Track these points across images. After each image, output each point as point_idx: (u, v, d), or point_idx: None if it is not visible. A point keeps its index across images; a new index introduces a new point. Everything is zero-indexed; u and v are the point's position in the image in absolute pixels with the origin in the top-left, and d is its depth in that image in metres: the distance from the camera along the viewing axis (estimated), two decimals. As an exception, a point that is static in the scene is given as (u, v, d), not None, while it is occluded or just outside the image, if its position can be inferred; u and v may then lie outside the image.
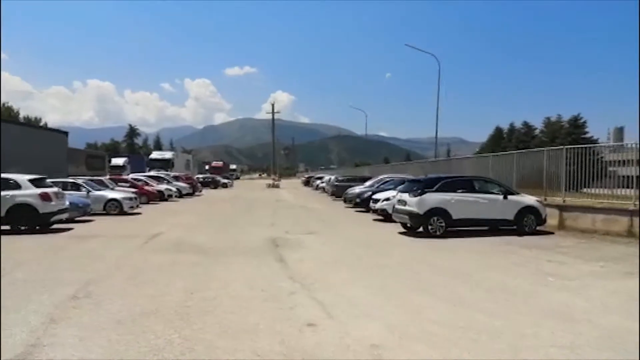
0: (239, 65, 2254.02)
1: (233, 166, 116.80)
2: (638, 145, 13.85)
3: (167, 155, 56.80)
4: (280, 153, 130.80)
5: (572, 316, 5.86)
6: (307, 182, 63.77)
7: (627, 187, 13.88)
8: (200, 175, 56.80)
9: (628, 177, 14.11)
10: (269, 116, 70.38)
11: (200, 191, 41.63)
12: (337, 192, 31.52)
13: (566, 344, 4.84)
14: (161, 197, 28.94)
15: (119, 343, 4.79)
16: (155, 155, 57.18)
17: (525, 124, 70.54)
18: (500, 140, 70.20)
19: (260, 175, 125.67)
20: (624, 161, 15.47)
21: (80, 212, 16.70)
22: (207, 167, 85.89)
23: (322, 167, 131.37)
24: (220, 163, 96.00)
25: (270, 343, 4.78)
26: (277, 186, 57.42)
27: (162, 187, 30.71)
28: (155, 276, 8.03)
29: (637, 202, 12.78)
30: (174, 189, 32.14)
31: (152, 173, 37.48)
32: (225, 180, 58.80)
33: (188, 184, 37.12)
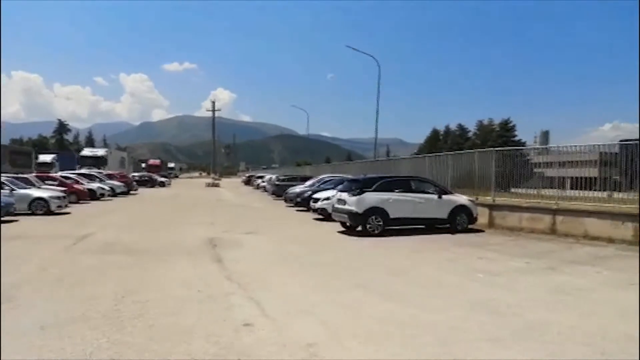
0: (177, 61, 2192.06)
1: (171, 164, 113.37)
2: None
3: (100, 152, 54.37)
4: (221, 152, 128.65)
5: (499, 310, 6.15)
6: (247, 182, 63.13)
7: (551, 188, 14.79)
8: (136, 174, 54.76)
9: (552, 177, 15.06)
10: (209, 114, 69.21)
11: (136, 190, 40.15)
12: (278, 191, 31.43)
13: (492, 336, 5.08)
14: (93, 196, 27.60)
15: (42, 349, 4.51)
16: (86, 152, 54.58)
17: (460, 126, 73.75)
18: (436, 142, 72.85)
19: (200, 174, 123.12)
20: (549, 163, 16.47)
21: (2, 212, 15.60)
22: (143, 165, 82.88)
23: (264, 167, 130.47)
24: (157, 161, 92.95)
25: (204, 345, 4.67)
26: (217, 185, 56.46)
27: (94, 185, 29.32)
28: (83, 279, 7.65)
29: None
30: (107, 187, 30.76)
31: (84, 171, 35.71)
32: (163, 179, 56.98)
33: (122, 182, 35.67)
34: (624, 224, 11.93)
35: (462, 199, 14.62)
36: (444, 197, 14.26)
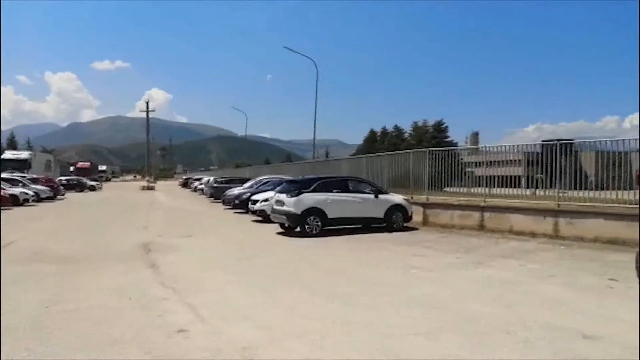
0: (109, 59, 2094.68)
1: (102, 167, 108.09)
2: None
3: (23, 155, 50.91)
4: (156, 153, 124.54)
5: (432, 304, 6.39)
6: (185, 184, 61.52)
7: (481, 186, 15.52)
8: (64, 178, 51.82)
9: (482, 176, 15.80)
10: (143, 114, 66.71)
11: (64, 195, 38.01)
12: (216, 193, 30.88)
13: (425, 329, 5.26)
14: (15, 201, 25.81)
15: (-46, 369, 4.19)
16: (8, 155, 50.92)
17: (396, 127, 75.77)
18: (374, 143, 74.38)
19: (135, 176, 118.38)
20: (478, 162, 17.27)
21: None
22: (72, 168, 78.59)
23: (202, 169, 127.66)
24: (87, 164, 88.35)
25: (136, 353, 4.51)
26: (152, 188, 54.55)
27: (17, 190, 27.42)
28: (4, 289, 7.14)
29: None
30: (30, 192, 28.87)
31: (5, 175, 33.35)
32: (93, 183, 54.30)
33: (48, 186, 33.65)
34: (545, 219, 12.75)
35: (397, 198, 15.03)
36: (380, 196, 14.60)
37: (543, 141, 16.38)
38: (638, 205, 11.17)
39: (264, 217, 17.16)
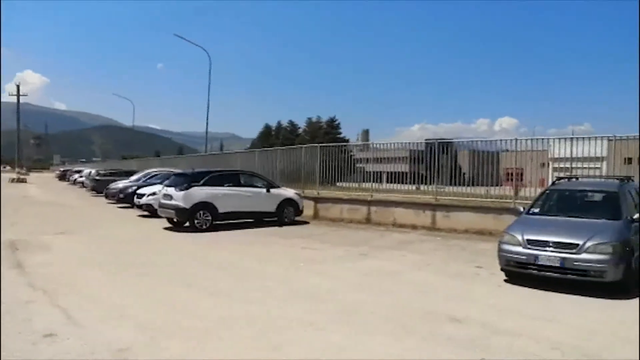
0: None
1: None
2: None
3: None
4: (30, 143, 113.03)
5: (318, 296, 6.55)
6: (62, 176, 56.43)
7: (370, 181, 16.21)
8: None
9: (372, 172, 16.51)
10: (14, 99, 60.09)
11: None
12: (99, 187, 28.77)
13: (310, 321, 5.37)
14: None
15: None
16: None
17: (291, 122, 76.31)
18: (269, 137, 74.31)
19: (4, 167, 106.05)
20: (368, 159, 17.98)
21: None
22: None
23: (83, 160, 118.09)
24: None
25: (-8, 364, 4.06)
26: (23, 181, 49.31)
27: None
28: None
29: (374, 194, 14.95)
30: None
31: None
32: (-50, 174, 47.78)
33: None
34: (424, 212, 13.68)
35: (289, 192, 15.17)
36: (272, 190, 14.63)
37: (426, 140, 17.48)
38: (503, 200, 12.49)
39: (151, 212, 16.34)
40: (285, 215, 14.64)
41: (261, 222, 14.38)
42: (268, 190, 14.52)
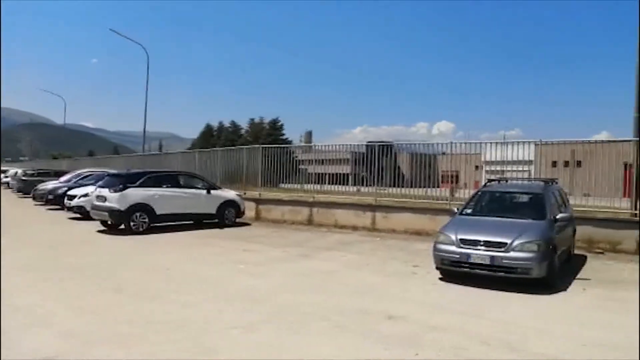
0: None
1: None
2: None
3: None
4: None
5: (255, 297, 6.49)
6: (-17, 177, 52.64)
7: (313, 183, 16.30)
8: None
9: (315, 174, 16.60)
10: None
11: None
12: (25, 188, 27.13)
13: (245, 323, 5.32)
14: None
15: None
16: None
17: (233, 123, 75.34)
18: (210, 138, 72.99)
19: None
20: (311, 160, 18.06)
21: None
22: None
23: (8, 159, 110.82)
24: None
25: None
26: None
27: None
28: None
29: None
30: None
31: None
32: None
33: None
34: (365, 213, 13.92)
35: (230, 194, 14.96)
36: (213, 192, 14.36)
37: (367, 142, 17.80)
38: (440, 201, 12.94)
39: (83, 215, 15.59)
40: (226, 217, 14.42)
41: (201, 224, 14.09)
42: (208, 192, 14.24)
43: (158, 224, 13.18)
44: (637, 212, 10.66)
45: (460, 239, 7.43)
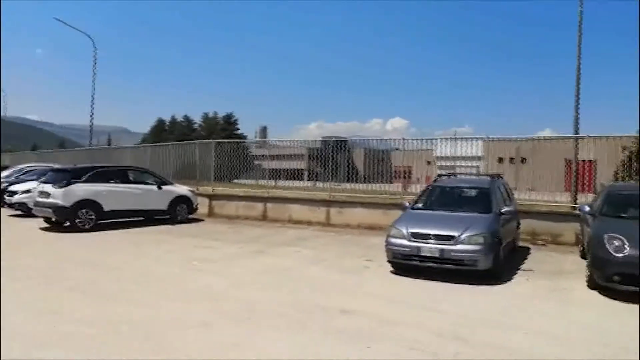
0: None
1: None
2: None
3: None
4: None
5: (212, 295, 6.40)
6: None
7: (269, 178, 16.20)
8: None
9: (270, 169, 16.51)
10: None
11: None
12: (-39, 184, 25.54)
13: (201, 321, 5.24)
14: None
15: None
16: None
17: (186, 117, 73.69)
18: (162, 132, 71.03)
19: None
20: (267, 156, 17.96)
21: None
22: None
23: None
24: None
25: None
26: None
27: None
28: None
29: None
30: None
31: None
32: None
33: None
34: (319, 209, 14.00)
35: (182, 189, 14.63)
36: (164, 187, 14.02)
37: (322, 138, 17.86)
38: (393, 196, 13.17)
39: (25, 212, 14.85)
40: (178, 213, 14.11)
41: (152, 221, 13.72)
42: (159, 187, 13.88)
43: (106, 221, 12.74)
44: (577, 205, 11.24)
45: (412, 233, 7.60)
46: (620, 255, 6.39)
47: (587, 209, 8.31)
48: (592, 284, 6.86)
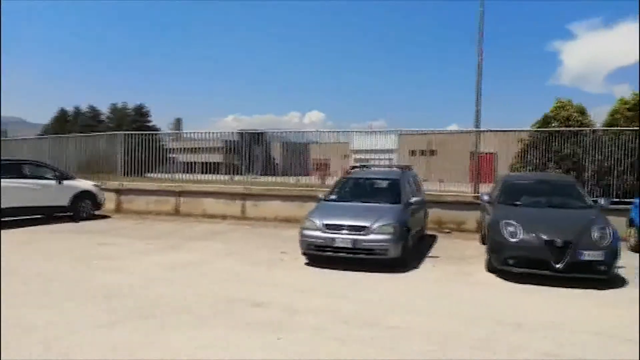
0: None
1: None
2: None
3: None
4: None
5: (116, 293, 6.01)
6: None
7: (184, 172, 15.65)
8: None
9: (185, 162, 15.95)
10: None
11: None
12: None
13: (104, 321, 4.93)
14: None
15: None
16: None
17: (92, 108, 69.12)
18: (64, 123, 66.07)
19: None
20: (181, 149, 17.34)
21: None
22: None
23: None
24: None
25: None
26: None
27: None
28: None
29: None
30: None
31: None
32: None
33: None
34: (235, 202, 13.77)
35: (86, 184, 13.70)
36: (65, 182, 13.04)
37: (239, 130, 17.59)
38: (310, 188, 13.26)
39: None
40: (82, 209, 13.20)
41: (53, 218, 12.75)
42: (60, 182, 12.89)
43: (1, 219, 11.61)
44: (478, 194, 12.02)
45: (325, 224, 7.70)
46: (514, 239, 6.90)
47: (486, 198, 8.88)
48: (490, 268, 7.37)
